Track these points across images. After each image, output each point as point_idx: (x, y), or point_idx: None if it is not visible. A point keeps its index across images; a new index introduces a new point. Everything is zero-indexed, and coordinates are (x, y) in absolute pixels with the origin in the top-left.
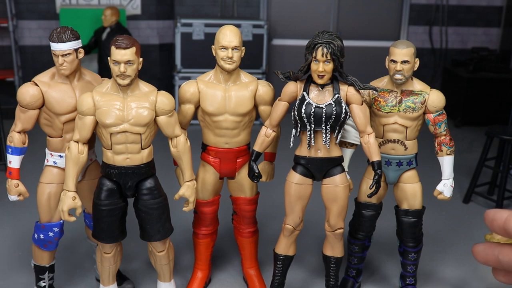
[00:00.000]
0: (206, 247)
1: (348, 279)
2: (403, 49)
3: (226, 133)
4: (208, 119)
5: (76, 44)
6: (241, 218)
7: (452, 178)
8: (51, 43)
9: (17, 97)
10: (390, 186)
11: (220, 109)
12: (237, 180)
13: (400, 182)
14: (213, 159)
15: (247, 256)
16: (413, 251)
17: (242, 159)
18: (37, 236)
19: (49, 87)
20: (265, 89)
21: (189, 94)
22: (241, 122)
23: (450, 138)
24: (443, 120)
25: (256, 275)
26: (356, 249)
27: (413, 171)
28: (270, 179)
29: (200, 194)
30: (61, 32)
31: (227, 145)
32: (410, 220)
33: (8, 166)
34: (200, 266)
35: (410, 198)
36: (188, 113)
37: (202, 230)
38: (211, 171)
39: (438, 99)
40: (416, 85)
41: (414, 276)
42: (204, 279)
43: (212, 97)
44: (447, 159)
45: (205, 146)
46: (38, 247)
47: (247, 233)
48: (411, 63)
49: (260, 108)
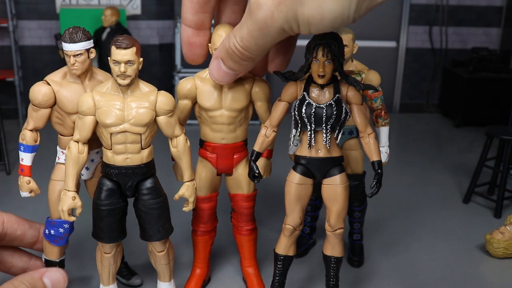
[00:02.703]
0: (204, 245)
1: (303, 236)
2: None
3: (222, 129)
4: (205, 115)
5: (88, 45)
6: (239, 215)
7: (388, 146)
8: (63, 43)
9: (29, 96)
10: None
11: (216, 105)
12: (234, 176)
13: (343, 149)
14: (210, 154)
15: (246, 255)
16: (358, 209)
17: (238, 155)
18: (48, 231)
19: (61, 87)
20: (261, 86)
21: (186, 90)
22: (237, 118)
23: (385, 112)
24: (379, 96)
25: (254, 274)
26: (309, 209)
27: (354, 139)
28: (268, 175)
29: (198, 191)
30: (73, 32)
31: (224, 140)
32: (353, 183)
33: (20, 164)
34: (198, 264)
35: (353, 163)
36: (185, 108)
37: (200, 227)
38: (209, 167)
39: (374, 77)
40: (356, 65)
41: (360, 232)
42: (202, 277)
43: (209, 93)
44: (382, 129)
45: (203, 142)
46: (48, 242)
47: (246, 231)
48: (350, 47)
49: (257, 104)
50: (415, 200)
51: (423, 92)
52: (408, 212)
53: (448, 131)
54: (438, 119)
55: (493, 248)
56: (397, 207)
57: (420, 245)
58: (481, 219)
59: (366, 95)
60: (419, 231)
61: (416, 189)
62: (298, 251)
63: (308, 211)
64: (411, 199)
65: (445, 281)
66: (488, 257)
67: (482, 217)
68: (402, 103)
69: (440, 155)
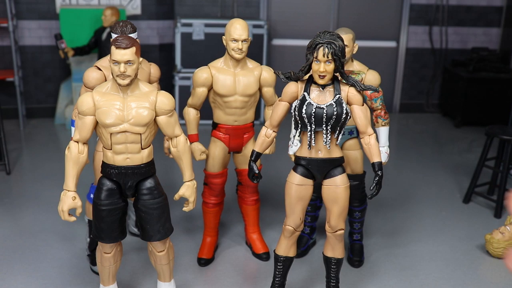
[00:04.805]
0: (214, 216)
1: (303, 236)
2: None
3: (235, 112)
4: (220, 100)
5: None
6: (245, 187)
7: (387, 146)
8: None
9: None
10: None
11: (231, 91)
12: (243, 153)
13: (343, 149)
14: (223, 135)
15: (250, 222)
16: (358, 209)
17: (248, 134)
18: (93, 195)
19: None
20: (268, 73)
21: (203, 78)
22: (248, 102)
23: (385, 112)
24: (379, 96)
25: (258, 238)
26: (309, 209)
27: (354, 139)
28: (272, 153)
29: (212, 168)
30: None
31: (236, 122)
32: (353, 183)
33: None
34: (209, 233)
35: (353, 163)
36: (202, 95)
37: (211, 199)
38: (221, 146)
39: (374, 78)
40: (356, 66)
41: (360, 233)
42: (213, 244)
43: (224, 81)
44: (382, 129)
45: (216, 124)
46: (92, 205)
47: (251, 201)
48: (350, 47)
49: (264, 89)
50: (415, 200)
51: (423, 92)
52: (408, 212)
53: (448, 131)
54: (438, 119)
55: (493, 248)
56: (397, 207)
57: (420, 245)
58: (481, 219)
59: (366, 95)
60: (419, 231)
61: (416, 189)
62: (298, 251)
63: (308, 211)
64: (411, 199)
65: (445, 281)
66: (488, 257)
67: (482, 217)
68: (402, 103)
69: (440, 155)
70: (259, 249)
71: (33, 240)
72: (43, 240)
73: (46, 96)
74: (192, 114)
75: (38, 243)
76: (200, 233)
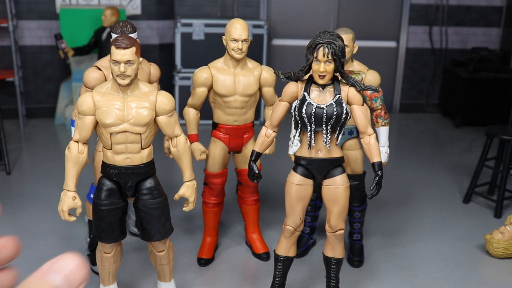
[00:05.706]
0: (214, 216)
1: (303, 236)
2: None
3: (235, 112)
4: (220, 100)
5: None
6: (246, 187)
7: (388, 146)
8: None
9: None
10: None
11: (231, 91)
12: (243, 153)
13: (343, 149)
14: (223, 135)
15: (250, 222)
16: (358, 209)
17: (248, 134)
18: (93, 195)
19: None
20: (268, 73)
21: (203, 78)
22: (248, 102)
23: (385, 112)
24: (379, 96)
25: (258, 238)
26: (309, 209)
27: (354, 139)
28: (272, 153)
29: (212, 168)
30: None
31: (236, 122)
32: (353, 183)
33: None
34: (209, 233)
35: (353, 163)
36: (202, 95)
37: (211, 199)
38: (221, 146)
39: (374, 78)
40: (356, 66)
41: (360, 232)
42: (213, 244)
43: (224, 81)
44: (382, 129)
45: (216, 124)
46: (92, 205)
47: (251, 201)
48: (350, 47)
49: (264, 89)
50: (415, 200)
51: (423, 92)
52: (408, 212)
53: (448, 131)
54: (438, 119)
55: (493, 248)
56: (397, 207)
57: (420, 245)
58: (481, 219)
59: (366, 95)
60: (419, 231)
61: (416, 189)
62: (298, 251)
63: (308, 211)
64: (411, 199)
65: (445, 281)
66: (488, 257)
67: (482, 217)
68: (402, 103)
69: (440, 155)
70: (259, 249)
71: (33, 240)
72: (43, 240)
73: (46, 96)
74: (192, 114)
75: (38, 243)
76: (200, 233)
